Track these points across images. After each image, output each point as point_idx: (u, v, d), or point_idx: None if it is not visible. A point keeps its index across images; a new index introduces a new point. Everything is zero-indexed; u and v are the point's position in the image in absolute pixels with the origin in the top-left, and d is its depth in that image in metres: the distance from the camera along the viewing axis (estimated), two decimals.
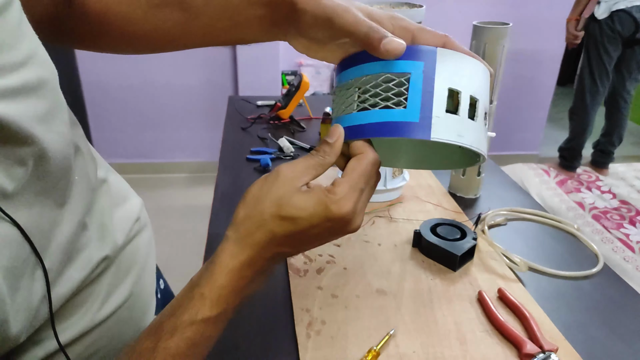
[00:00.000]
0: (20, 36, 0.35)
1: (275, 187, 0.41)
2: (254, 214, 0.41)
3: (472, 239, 0.73)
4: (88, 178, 0.46)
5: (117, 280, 0.50)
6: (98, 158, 0.52)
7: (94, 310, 0.46)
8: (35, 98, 0.35)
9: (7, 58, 0.33)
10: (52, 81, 0.38)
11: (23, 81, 0.34)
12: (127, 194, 0.58)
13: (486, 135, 0.43)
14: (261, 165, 1.03)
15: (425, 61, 0.39)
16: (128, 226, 0.54)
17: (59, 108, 0.39)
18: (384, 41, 0.38)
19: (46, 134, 0.36)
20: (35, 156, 0.36)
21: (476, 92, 0.40)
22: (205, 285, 0.40)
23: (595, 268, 0.73)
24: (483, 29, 0.82)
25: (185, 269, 1.71)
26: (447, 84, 0.39)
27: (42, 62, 0.37)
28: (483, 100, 0.41)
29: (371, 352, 0.55)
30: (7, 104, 0.32)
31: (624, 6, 2.45)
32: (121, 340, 0.50)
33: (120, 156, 2.92)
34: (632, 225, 2.11)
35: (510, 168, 2.74)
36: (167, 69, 2.72)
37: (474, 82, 0.40)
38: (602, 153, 2.86)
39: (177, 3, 0.47)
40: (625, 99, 2.74)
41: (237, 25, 0.47)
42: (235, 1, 0.45)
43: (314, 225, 0.40)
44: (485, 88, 0.42)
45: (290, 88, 1.31)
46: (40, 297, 0.38)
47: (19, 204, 0.35)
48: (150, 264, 0.59)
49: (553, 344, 0.57)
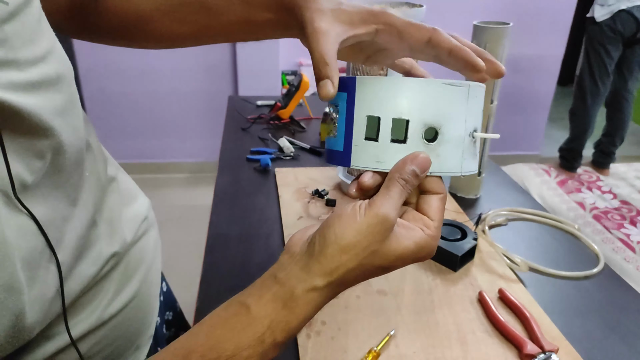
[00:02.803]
0: (40, 32, 0.37)
1: (386, 244, 0.37)
2: (355, 264, 0.37)
3: (472, 239, 0.73)
4: (98, 175, 0.47)
5: (126, 278, 0.50)
6: (108, 156, 0.53)
7: (103, 307, 0.46)
8: (54, 92, 0.37)
9: (29, 53, 0.34)
10: (69, 76, 0.40)
11: (43, 75, 0.35)
12: (135, 193, 0.59)
13: (450, 151, 0.40)
14: (261, 166, 1.03)
15: (348, 91, 0.40)
16: (136, 224, 0.54)
17: (74, 103, 0.40)
18: (320, 83, 0.38)
19: (63, 128, 0.37)
20: (53, 149, 0.36)
21: (406, 113, 0.38)
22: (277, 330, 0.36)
23: (595, 268, 0.73)
24: (483, 29, 0.82)
25: (185, 270, 1.71)
26: (366, 111, 0.39)
27: (60, 58, 0.39)
28: (423, 118, 0.38)
29: (371, 353, 0.55)
30: (29, 96, 0.33)
31: (625, 6, 2.45)
32: (126, 339, 0.51)
33: (121, 156, 2.92)
34: (632, 225, 2.11)
35: (511, 168, 2.73)
36: (167, 69, 2.72)
37: (402, 102, 0.39)
38: (603, 153, 2.86)
39: (200, 3, 0.49)
40: (627, 99, 2.74)
41: (255, 26, 0.48)
42: (253, 4, 0.47)
43: (404, 260, 0.38)
44: (432, 104, 0.39)
45: (290, 88, 1.31)
46: (54, 291, 0.38)
47: (36, 197, 0.36)
48: (156, 263, 0.60)
49: (554, 345, 0.57)
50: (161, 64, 2.70)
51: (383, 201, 0.36)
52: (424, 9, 0.78)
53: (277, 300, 0.36)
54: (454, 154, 0.39)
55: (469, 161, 0.40)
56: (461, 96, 0.39)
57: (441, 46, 0.42)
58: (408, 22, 0.42)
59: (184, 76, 2.75)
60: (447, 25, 2.50)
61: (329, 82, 0.38)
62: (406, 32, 0.41)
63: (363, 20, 0.42)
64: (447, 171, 0.39)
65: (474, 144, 0.41)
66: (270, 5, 0.46)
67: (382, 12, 0.42)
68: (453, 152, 0.39)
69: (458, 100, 0.39)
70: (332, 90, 0.38)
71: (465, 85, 0.39)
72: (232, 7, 0.48)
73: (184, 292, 1.01)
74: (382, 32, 0.42)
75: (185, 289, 1.12)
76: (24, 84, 0.33)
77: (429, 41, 0.41)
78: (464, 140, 0.39)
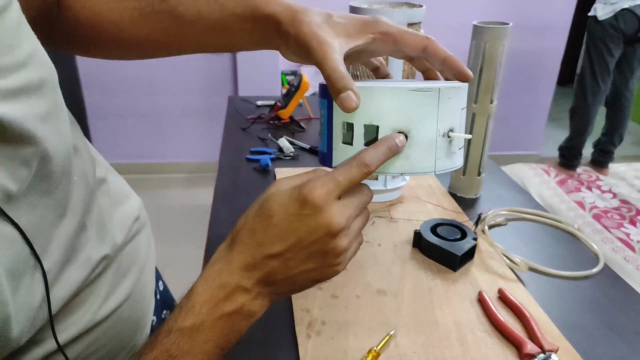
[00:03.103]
0: (20, 37, 0.35)
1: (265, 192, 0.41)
2: (241, 221, 0.41)
3: (472, 239, 0.73)
4: (87, 178, 0.46)
5: (117, 280, 0.50)
6: (97, 157, 0.52)
7: (95, 310, 0.46)
8: (37, 98, 0.36)
9: (9, 59, 0.33)
10: (52, 81, 0.38)
11: (25, 81, 0.34)
12: (126, 193, 0.58)
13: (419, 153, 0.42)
14: (261, 166, 1.03)
15: (328, 98, 0.42)
16: (127, 225, 0.53)
17: (59, 108, 0.39)
18: (342, 95, 0.40)
19: (48, 134, 0.36)
20: (39, 157, 0.36)
21: (376, 120, 0.41)
22: (186, 295, 0.40)
23: (595, 268, 0.73)
24: (483, 29, 0.82)
25: (184, 270, 1.70)
26: (342, 117, 0.42)
27: (42, 62, 0.38)
28: (392, 124, 0.41)
29: (371, 353, 0.55)
30: (9, 104, 0.32)
31: (628, 5, 2.45)
32: (120, 340, 0.50)
33: (120, 156, 2.92)
34: (632, 224, 2.11)
35: (511, 168, 2.73)
36: (167, 69, 2.72)
37: (372, 110, 0.41)
38: (602, 152, 2.86)
39: (169, 12, 0.48)
40: (628, 98, 2.74)
41: (229, 36, 0.48)
42: (226, 14, 0.47)
43: (289, 217, 0.38)
44: (400, 110, 0.41)
45: (290, 88, 1.31)
46: (40, 299, 0.38)
47: (22, 206, 0.35)
48: (149, 263, 0.59)
49: (553, 344, 0.57)
50: (161, 64, 2.70)
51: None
52: (423, 9, 0.78)
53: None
54: (426, 155, 0.42)
55: (443, 160, 0.42)
56: (431, 100, 0.41)
57: (437, 55, 0.44)
58: (403, 31, 0.44)
59: (184, 76, 2.75)
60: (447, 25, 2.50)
61: (352, 93, 0.40)
62: (402, 40, 0.44)
63: (359, 31, 0.43)
64: (420, 171, 0.42)
65: (451, 142, 0.43)
66: (246, 16, 0.46)
67: (376, 21, 0.44)
68: (424, 153, 0.42)
69: (427, 104, 0.41)
70: (357, 101, 0.40)
71: (435, 89, 0.41)
72: (204, 16, 0.47)
73: (183, 291, 1.01)
74: (378, 41, 0.44)
75: (184, 288, 1.12)
76: (4, 91, 0.32)
77: (424, 49, 0.44)
78: (435, 141, 0.41)
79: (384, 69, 0.53)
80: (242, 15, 0.46)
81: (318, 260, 0.39)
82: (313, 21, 0.42)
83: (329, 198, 0.38)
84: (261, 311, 0.41)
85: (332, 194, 0.38)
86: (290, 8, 0.44)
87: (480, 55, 0.83)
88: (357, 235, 0.41)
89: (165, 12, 0.48)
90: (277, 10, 0.44)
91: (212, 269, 0.40)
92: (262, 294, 0.40)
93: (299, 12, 0.44)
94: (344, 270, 0.56)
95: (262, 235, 0.39)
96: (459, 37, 2.18)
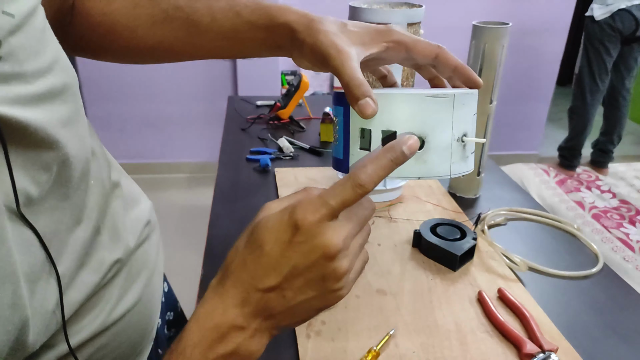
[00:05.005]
0: (45, 42, 0.36)
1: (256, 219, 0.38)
2: (231, 253, 0.38)
3: (472, 239, 0.73)
4: (103, 182, 0.46)
5: (129, 283, 0.50)
6: (112, 161, 0.52)
7: (106, 313, 0.46)
8: (60, 103, 0.36)
9: (34, 64, 0.34)
10: (74, 86, 0.39)
11: (49, 86, 0.35)
12: (138, 196, 0.58)
13: (436, 158, 0.42)
14: (261, 166, 1.03)
15: (344, 105, 0.43)
16: (139, 229, 0.54)
17: (79, 112, 0.40)
18: (361, 102, 0.39)
19: (69, 139, 0.37)
20: (59, 161, 0.36)
21: (393, 125, 0.41)
22: (178, 337, 0.36)
23: (595, 268, 0.73)
24: (483, 29, 0.82)
25: (185, 270, 1.71)
26: (359, 124, 0.42)
27: (64, 67, 0.38)
28: (409, 129, 0.41)
29: (371, 352, 0.55)
30: (34, 109, 0.33)
31: (624, 5, 2.46)
32: (129, 343, 0.50)
33: (121, 156, 2.92)
34: (632, 224, 2.11)
35: (510, 168, 2.73)
36: (167, 69, 2.72)
37: (390, 116, 0.41)
38: (601, 152, 2.86)
39: (183, 19, 0.48)
40: (625, 97, 2.75)
41: (242, 43, 0.48)
42: (240, 22, 0.47)
43: (281, 244, 0.35)
44: (417, 116, 0.41)
45: (289, 88, 1.31)
46: (54, 303, 0.38)
47: (41, 210, 0.35)
48: (159, 266, 0.59)
49: (553, 344, 0.57)
50: (162, 65, 2.68)
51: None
52: (423, 9, 0.78)
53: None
54: (442, 159, 0.42)
55: (458, 164, 0.43)
56: (446, 106, 0.42)
57: (448, 63, 0.45)
58: (416, 39, 0.45)
59: (184, 77, 2.75)
60: (447, 25, 2.50)
61: (370, 100, 0.40)
62: (414, 49, 0.44)
63: (373, 39, 0.44)
64: (436, 175, 0.43)
65: (464, 147, 0.44)
66: (261, 24, 0.46)
67: (389, 29, 0.45)
68: (440, 157, 0.42)
69: (443, 110, 0.42)
70: (375, 108, 0.40)
71: (450, 95, 0.41)
72: (219, 23, 0.47)
73: (184, 292, 1.01)
74: (391, 49, 0.45)
75: (185, 289, 1.12)
76: (30, 97, 0.33)
77: (436, 57, 0.44)
78: (451, 146, 0.42)
79: (391, 77, 0.53)
80: (256, 23, 0.46)
81: (318, 286, 0.36)
82: (330, 30, 0.43)
83: (322, 222, 0.35)
84: (260, 350, 0.37)
85: (324, 219, 0.35)
86: (305, 17, 0.45)
87: (480, 55, 0.83)
88: (358, 254, 0.38)
89: (180, 19, 0.48)
90: (292, 19, 0.45)
91: (204, 307, 0.37)
92: (260, 330, 0.36)
93: (314, 20, 0.44)
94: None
95: (254, 267, 0.36)
96: (458, 37, 2.18)
